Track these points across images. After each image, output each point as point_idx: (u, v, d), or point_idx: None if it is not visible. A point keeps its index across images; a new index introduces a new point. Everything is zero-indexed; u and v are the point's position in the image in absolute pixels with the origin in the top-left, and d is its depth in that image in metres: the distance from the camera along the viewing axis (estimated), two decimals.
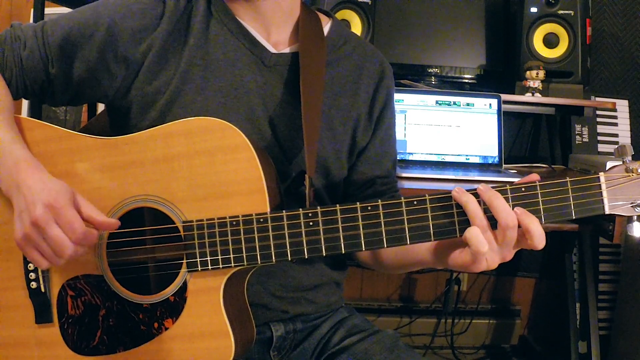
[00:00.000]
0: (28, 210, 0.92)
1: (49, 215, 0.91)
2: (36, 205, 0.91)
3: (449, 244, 0.98)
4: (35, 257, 0.94)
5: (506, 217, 0.89)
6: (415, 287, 2.70)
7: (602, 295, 2.43)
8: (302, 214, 0.96)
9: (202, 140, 0.98)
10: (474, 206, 0.91)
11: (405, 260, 1.13)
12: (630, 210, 0.92)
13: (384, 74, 1.23)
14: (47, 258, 0.94)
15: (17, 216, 0.94)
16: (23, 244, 0.94)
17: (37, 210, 0.91)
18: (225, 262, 0.97)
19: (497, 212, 0.90)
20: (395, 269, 1.20)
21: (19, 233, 0.93)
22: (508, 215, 0.89)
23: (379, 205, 0.95)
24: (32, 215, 0.91)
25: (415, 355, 1.14)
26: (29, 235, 0.92)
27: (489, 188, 0.92)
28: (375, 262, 1.21)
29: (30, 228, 0.92)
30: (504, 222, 0.89)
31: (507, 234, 0.90)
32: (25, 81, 1.07)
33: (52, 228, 0.91)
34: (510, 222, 0.89)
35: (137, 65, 1.09)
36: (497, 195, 0.91)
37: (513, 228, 0.90)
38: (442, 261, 1.01)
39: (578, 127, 2.36)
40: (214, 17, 1.13)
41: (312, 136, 1.09)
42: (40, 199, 0.92)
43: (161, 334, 1.00)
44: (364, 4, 2.09)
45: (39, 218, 0.91)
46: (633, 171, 0.91)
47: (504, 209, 0.90)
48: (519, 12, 2.19)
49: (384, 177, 1.23)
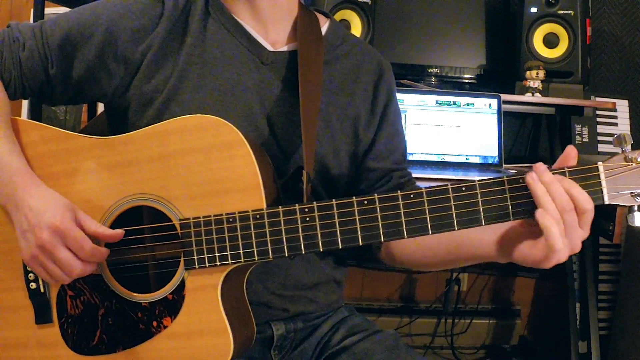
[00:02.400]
0: (33, 232, 0.95)
1: (57, 239, 0.94)
2: (42, 228, 0.94)
3: (516, 237, 0.95)
4: (44, 276, 0.99)
5: (584, 200, 0.87)
6: (415, 287, 2.70)
7: (602, 295, 2.43)
8: (298, 209, 0.96)
9: (197, 137, 0.99)
10: (548, 200, 0.88)
11: (459, 254, 1.08)
12: (630, 199, 0.90)
13: (382, 71, 1.23)
14: (55, 277, 0.97)
15: (21, 235, 0.97)
16: (31, 264, 0.98)
17: (43, 235, 0.94)
18: (222, 259, 0.97)
19: (573, 197, 0.88)
20: (441, 264, 1.15)
21: (26, 254, 0.97)
22: (585, 198, 0.88)
23: (375, 199, 0.95)
24: (38, 238, 0.94)
25: (415, 355, 1.14)
26: (36, 256, 0.96)
27: (542, 172, 0.88)
28: (414, 257, 1.17)
29: (37, 250, 0.95)
30: (582, 205, 0.87)
31: (586, 217, 0.88)
32: (24, 82, 1.07)
33: (60, 251, 0.95)
34: (588, 205, 0.88)
35: (136, 65, 1.09)
36: (560, 179, 0.89)
37: (591, 210, 0.88)
38: (507, 255, 0.97)
39: (578, 127, 2.36)
40: (212, 16, 1.13)
41: (310, 133, 1.09)
42: (45, 221, 0.94)
43: (160, 332, 1.00)
44: (364, 4, 2.09)
45: (45, 242, 0.94)
46: (632, 160, 0.89)
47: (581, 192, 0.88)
48: (519, 12, 2.19)
49: (400, 170, 1.23)
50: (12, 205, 0.97)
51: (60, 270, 0.96)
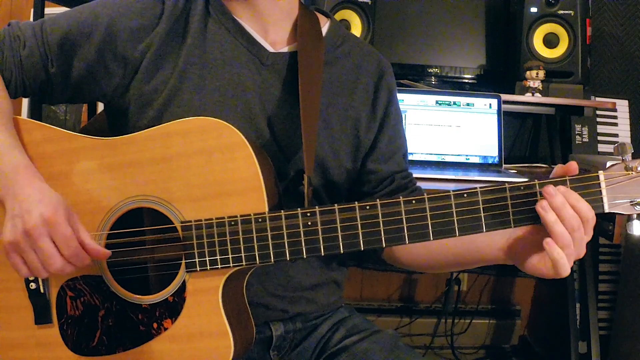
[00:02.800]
0: (22, 217, 0.92)
1: (45, 229, 0.92)
2: (32, 214, 0.92)
3: (526, 246, 0.97)
4: (18, 264, 0.94)
5: (587, 210, 0.90)
6: (415, 287, 2.70)
7: (602, 295, 2.43)
8: (300, 213, 0.96)
9: (200, 139, 0.98)
10: (560, 227, 0.90)
11: (466, 258, 1.09)
12: (629, 208, 0.91)
13: (383, 72, 1.23)
14: (31, 268, 0.94)
15: (9, 220, 0.94)
16: (8, 249, 0.93)
17: (32, 220, 0.91)
18: (223, 262, 0.97)
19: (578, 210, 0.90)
20: (447, 267, 1.16)
21: (8, 237, 0.93)
22: (588, 207, 0.90)
23: (377, 205, 0.95)
24: (26, 223, 0.91)
25: (415, 355, 1.14)
26: (18, 242, 0.92)
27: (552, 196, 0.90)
28: (419, 260, 1.17)
29: (21, 236, 0.92)
30: (586, 215, 0.90)
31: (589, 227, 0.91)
32: (25, 80, 1.07)
33: (45, 241, 0.92)
34: (590, 213, 0.90)
35: (136, 65, 1.09)
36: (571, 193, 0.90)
37: (593, 218, 0.90)
38: (518, 263, 0.99)
39: (578, 127, 2.36)
40: (212, 16, 1.13)
41: (310, 135, 1.09)
42: (38, 209, 0.92)
43: (160, 334, 1.00)
44: (364, 4, 2.09)
45: (33, 228, 0.91)
46: (632, 169, 0.91)
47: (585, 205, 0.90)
48: (519, 12, 2.19)
49: (402, 171, 1.23)
50: (11, 195, 0.95)
51: (38, 262, 0.93)
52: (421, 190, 1.23)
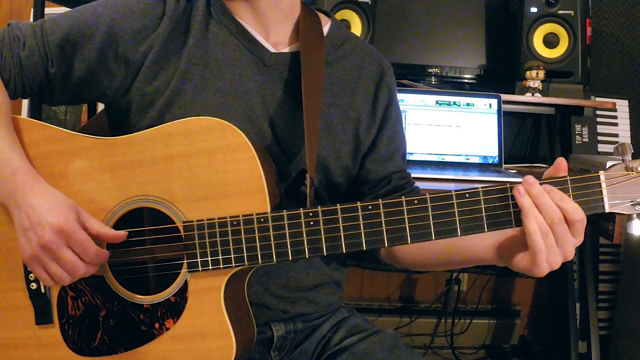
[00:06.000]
0: (35, 231, 0.94)
1: (61, 240, 0.94)
2: (45, 228, 0.93)
3: (514, 245, 0.97)
4: (43, 276, 0.97)
5: (573, 211, 0.89)
6: (415, 287, 2.70)
7: (602, 295, 2.43)
8: (302, 213, 0.96)
9: (202, 140, 0.98)
10: (534, 211, 0.89)
11: (459, 258, 1.09)
12: (630, 208, 0.92)
13: (383, 72, 1.23)
14: (56, 278, 0.96)
15: (22, 234, 0.95)
16: (31, 264, 0.96)
17: (46, 235, 0.93)
18: (226, 262, 0.97)
19: (562, 208, 0.90)
20: (441, 266, 1.18)
21: (27, 253, 0.95)
22: (574, 208, 0.89)
23: (379, 205, 0.95)
24: (41, 238, 0.93)
25: (415, 355, 1.14)
26: (38, 255, 0.94)
27: (531, 185, 0.90)
28: (413, 258, 1.18)
29: (39, 250, 0.94)
30: (572, 216, 0.89)
31: (577, 226, 0.90)
32: (24, 81, 1.07)
33: (64, 251, 0.94)
34: (577, 215, 0.89)
35: (137, 65, 1.09)
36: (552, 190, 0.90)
37: (581, 220, 0.90)
38: (506, 262, 0.99)
39: (578, 127, 2.36)
40: (213, 17, 1.13)
41: (312, 135, 1.09)
42: (48, 221, 0.93)
43: (162, 334, 1.00)
44: (364, 4, 2.09)
45: (49, 242, 0.93)
46: (633, 169, 0.91)
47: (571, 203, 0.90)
48: (519, 12, 2.19)
49: (400, 172, 1.23)
50: (13, 203, 0.96)
51: (62, 271, 0.95)
52: (419, 191, 1.23)
